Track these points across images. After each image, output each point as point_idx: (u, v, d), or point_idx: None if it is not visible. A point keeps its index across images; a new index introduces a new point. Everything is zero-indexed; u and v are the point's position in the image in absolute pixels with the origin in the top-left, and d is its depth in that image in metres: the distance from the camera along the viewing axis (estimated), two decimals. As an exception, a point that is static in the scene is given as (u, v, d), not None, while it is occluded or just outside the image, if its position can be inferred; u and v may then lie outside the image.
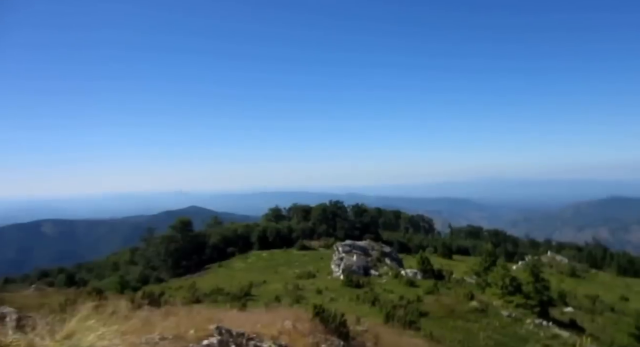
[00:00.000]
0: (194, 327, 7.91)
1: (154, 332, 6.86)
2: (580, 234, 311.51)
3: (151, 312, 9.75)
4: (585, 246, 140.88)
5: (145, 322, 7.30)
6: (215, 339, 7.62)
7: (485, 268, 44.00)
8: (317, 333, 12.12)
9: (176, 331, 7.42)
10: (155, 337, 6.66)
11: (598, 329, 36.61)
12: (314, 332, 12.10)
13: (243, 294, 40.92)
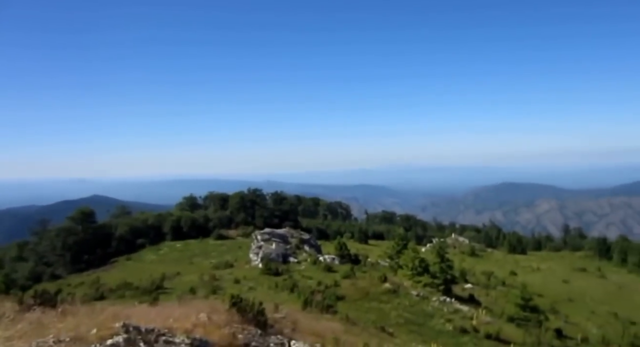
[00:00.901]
0: (97, 326, 7.31)
1: (48, 335, 6.19)
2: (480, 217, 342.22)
3: (44, 313, 8.80)
4: (483, 228, 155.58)
5: (37, 324, 6.55)
6: (121, 338, 7.11)
7: (398, 251, 46.53)
8: (233, 323, 11.95)
9: (75, 332, 6.77)
10: (49, 341, 6.00)
11: (492, 302, 40.72)
12: (231, 322, 11.94)
13: (154, 288, 39.02)
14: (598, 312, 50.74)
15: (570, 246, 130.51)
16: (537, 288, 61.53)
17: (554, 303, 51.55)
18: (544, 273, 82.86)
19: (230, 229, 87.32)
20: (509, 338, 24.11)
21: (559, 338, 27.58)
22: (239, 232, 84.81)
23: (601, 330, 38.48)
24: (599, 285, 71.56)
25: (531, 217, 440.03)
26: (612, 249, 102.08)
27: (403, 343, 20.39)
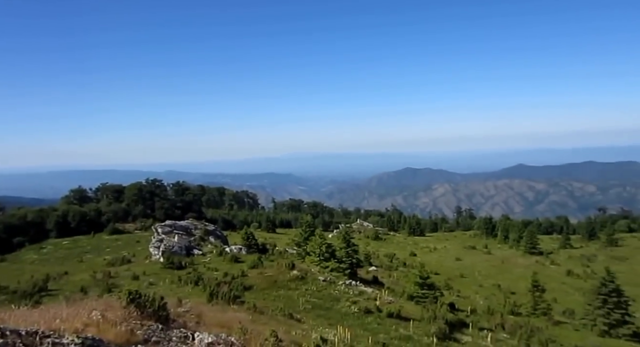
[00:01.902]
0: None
1: None
2: (383, 202, 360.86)
3: None
4: (386, 212, 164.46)
5: None
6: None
7: (305, 238, 46.87)
8: (131, 320, 11.27)
9: None
10: None
11: (394, 282, 42.96)
12: (128, 319, 11.26)
13: (36, 290, 34.66)
14: (485, 285, 56.33)
15: (462, 227, 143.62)
16: (433, 267, 66.56)
17: (448, 280, 56.16)
18: (439, 253, 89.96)
19: (127, 222, 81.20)
20: (409, 315, 25.42)
21: (452, 311, 29.87)
22: (137, 225, 79.28)
23: (487, 301, 42.71)
24: (485, 261, 79.62)
25: (429, 201, 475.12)
26: (497, 228, 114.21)
27: (311, 328, 20.40)
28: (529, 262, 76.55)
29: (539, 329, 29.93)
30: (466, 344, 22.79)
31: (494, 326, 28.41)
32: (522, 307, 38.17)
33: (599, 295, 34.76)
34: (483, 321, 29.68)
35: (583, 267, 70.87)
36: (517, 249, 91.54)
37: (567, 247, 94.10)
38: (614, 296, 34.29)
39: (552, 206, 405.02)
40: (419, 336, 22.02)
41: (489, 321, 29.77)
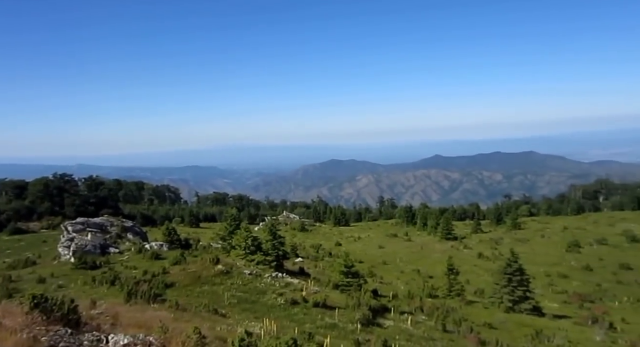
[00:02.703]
0: None
1: None
2: (309, 194, 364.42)
3: None
4: (311, 204, 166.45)
5: None
6: None
7: (230, 232, 45.84)
8: (34, 327, 10.52)
9: None
10: None
11: (320, 272, 43.61)
12: (31, 326, 10.46)
13: None
14: (406, 271, 59.22)
15: (384, 216, 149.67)
16: (358, 255, 68.61)
17: (372, 267, 58.22)
18: (364, 241, 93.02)
19: (32, 221, 73.83)
20: (334, 304, 25.91)
21: (375, 298, 31.00)
22: (43, 224, 72.42)
23: (408, 286, 44.92)
24: (406, 247, 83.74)
25: (353, 192, 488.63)
26: (416, 216, 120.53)
27: (236, 322, 20.00)
28: (445, 247, 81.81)
29: (453, 309, 32.08)
30: (388, 328, 23.73)
31: (414, 309, 29.94)
32: (439, 290, 40.68)
33: (505, 274, 38.02)
34: (404, 305, 31.15)
35: (492, 249, 77.15)
36: (434, 235, 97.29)
37: (478, 231, 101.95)
38: (517, 274, 37.69)
39: (465, 193, 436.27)
40: (344, 323, 22.51)
41: (409, 305, 31.31)
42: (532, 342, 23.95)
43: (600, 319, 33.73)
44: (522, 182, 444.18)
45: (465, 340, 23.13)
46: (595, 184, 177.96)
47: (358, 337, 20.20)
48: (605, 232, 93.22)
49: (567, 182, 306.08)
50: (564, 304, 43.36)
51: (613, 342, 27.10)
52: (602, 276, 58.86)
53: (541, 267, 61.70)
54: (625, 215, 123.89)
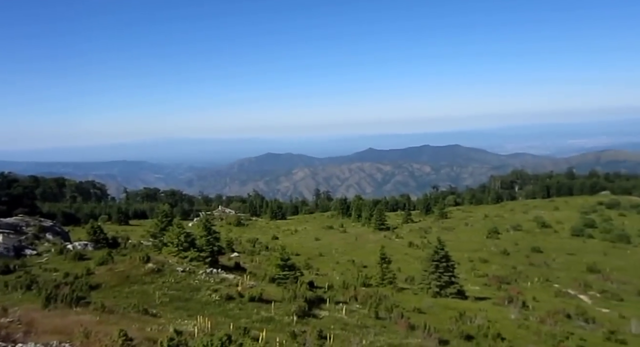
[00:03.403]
0: None
1: None
2: (245, 188, 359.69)
3: None
4: (248, 198, 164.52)
5: None
6: None
7: (162, 229, 44.09)
8: None
9: None
10: None
11: (256, 266, 43.38)
12: None
13: None
14: (341, 262, 60.60)
15: (320, 208, 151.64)
16: (295, 248, 69.05)
17: (308, 259, 58.89)
18: (300, 234, 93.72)
19: None
20: (270, 297, 25.96)
21: (311, 289, 31.45)
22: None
23: (343, 276, 46.03)
24: (342, 239, 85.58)
25: (290, 185, 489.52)
26: (351, 208, 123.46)
27: (168, 321, 19.41)
28: (379, 237, 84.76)
29: (385, 296, 33.42)
30: (324, 318, 24.22)
31: (349, 299, 30.80)
32: (372, 279, 42.12)
33: (432, 262, 40.22)
34: (339, 295, 31.92)
35: (421, 238, 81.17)
36: (368, 226, 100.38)
37: (409, 221, 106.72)
38: (443, 261, 40.03)
39: (397, 185, 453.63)
40: (280, 316, 22.66)
41: (344, 295, 32.14)
42: (456, 324, 25.62)
43: (515, 299, 36.88)
44: (449, 174, 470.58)
45: (397, 325, 24.20)
46: (512, 175, 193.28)
47: (294, 329, 20.44)
48: (520, 219, 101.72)
49: (487, 173, 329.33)
50: (485, 286, 46.83)
51: (525, 319, 29.78)
52: (517, 259, 64.25)
53: (465, 253, 66.02)
54: (537, 203, 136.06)
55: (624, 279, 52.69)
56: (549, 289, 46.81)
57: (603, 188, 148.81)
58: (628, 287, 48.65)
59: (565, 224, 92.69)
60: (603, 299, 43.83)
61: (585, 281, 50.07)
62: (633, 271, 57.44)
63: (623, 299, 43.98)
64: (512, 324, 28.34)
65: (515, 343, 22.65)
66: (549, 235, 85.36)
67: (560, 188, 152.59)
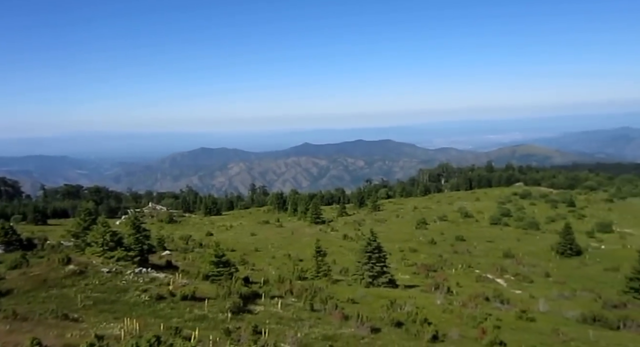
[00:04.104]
0: None
1: None
2: (178, 183, 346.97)
3: None
4: (180, 194, 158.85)
5: None
6: None
7: (85, 228, 41.35)
8: None
9: None
10: None
11: (189, 264, 42.16)
12: None
13: None
14: (277, 256, 60.60)
15: (256, 203, 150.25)
16: (230, 244, 67.94)
17: (244, 255, 58.28)
18: (236, 230, 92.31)
19: None
20: (204, 295, 25.38)
21: (247, 285, 31.18)
22: None
23: (279, 270, 46.12)
24: (278, 233, 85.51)
25: (225, 180, 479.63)
26: (287, 202, 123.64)
27: (92, 326, 18.31)
28: (314, 230, 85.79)
29: (320, 289, 33.97)
30: (259, 313, 24.15)
31: (284, 293, 30.92)
32: (308, 272, 42.62)
33: (365, 253, 41.51)
34: (274, 289, 31.93)
35: (355, 230, 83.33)
36: (304, 220, 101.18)
37: (344, 214, 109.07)
38: (376, 252, 41.46)
39: (332, 179, 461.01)
40: (214, 314, 22.26)
41: (279, 289, 32.20)
42: (387, 312, 26.70)
43: (441, 285, 39.18)
44: (381, 168, 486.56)
45: (331, 317, 24.73)
46: (438, 168, 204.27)
47: (228, 325, 20.19)
48: (446, 210, 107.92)
49: (417, 167, 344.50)
50: (414, 275, 49.24)
51: (450, 304, 31.78)
52: (443, 248, 68.22)
53: (396, 243, 68.89)
54: (461, 194, 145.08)
55: (534, 262, 57.90)
56: (470, 274, 50.23)
57: (517, 180, 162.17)
58: (537, 270, 53.53)
59: (485, 213, 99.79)
60: (516, 282, 47.88)
61: (502, 265, 54.34)
62: (542, 254, 63.28)
63: (533, 281, 48.35)
64: (438, 309, 30.08)
65: (441, 327, 24.08)
66: (471, 224, 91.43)
67: (481, 180, 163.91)
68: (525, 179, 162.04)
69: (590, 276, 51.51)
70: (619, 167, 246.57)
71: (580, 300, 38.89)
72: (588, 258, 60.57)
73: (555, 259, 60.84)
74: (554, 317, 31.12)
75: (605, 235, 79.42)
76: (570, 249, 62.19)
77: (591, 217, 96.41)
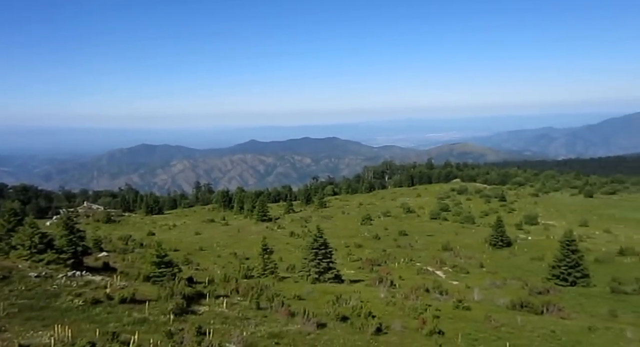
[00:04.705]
0: None
1: None
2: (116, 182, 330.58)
3: None
4: (119, 192, 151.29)
5: None
6: None
7: (9, 230, 38.38)
8: None
9: None
10: None
11: (128, 265, 40.34)
12: None
13: None
14: (223, 255, 59.50)
15: (201, 201, 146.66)
16: (173, 244, 65.83)
17: (188, 255, 56.65)
18: (179, 229, 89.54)
19: None
20: (144, 297, 24.39)
21: (190, 285, 30.33)
22: None
23: (224, 269, 45.31)
24: (223, 232, 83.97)
25: (167, 178, 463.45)
26: (233, 200, 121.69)
27: (16, 335, 16.98)
28: (261, 228, 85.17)
29: (267, 286, 33.77)
30: (203, 314, 23.60)
31: (230, 292, 30.41)
32: (254, 270, 42.24)
33: (312, 249, 41.82)
34: (220, 289, 31.31)
35: (302, 227, 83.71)
36: (251, 218, 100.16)
37: (291, 212, 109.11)
38: (322, 248, 41.88)
39: (279, 177, 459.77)
40: (155, 317, 21.45)
41: (225, 288, 31.62)
42: (333, 307, 27.07)
43: (385, 279, 40.33)
44: (327, 165, 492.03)
45: (277, 314, 24.67)
46: (382, 165, 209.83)
47: (170, 328, 19.55)
48: (389, 205, 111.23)
49: (362, 164, 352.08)
50: (359, 269, 50.31)
51: (393, 297, 32.78)
52: (386, 242, 70.23)
53: (342, 239, 70.01)
54: (403, 191, 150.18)
55: (470, 254, 61.15)
56: (412, 267, 52.14)
57: (455, 176, 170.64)
58: (472, 262, 56.61)
59: (426, 209, 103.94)
60: (454, 273, 50.35)
61: (441, 258, 56.88)
62: (476, 246, 66.98)
63: (469, 272, 51.07)
64: (381, 302, 30.93)
65: (384, 319, 24.79)
66: (413, 219, 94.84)
67: (422, 177, 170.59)
68: (462, 176, 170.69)
69: (519, 265, 55.20)
70: (543, 164, 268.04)
71: (509, 288, 41.58)
72: (517, 249, 64.86)
73: (489, 250, 64.57)
74: (487, 305, 33.05)
75: (531, 227, 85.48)
76: (501, 240, 66.26)
77: (520, 210, 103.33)
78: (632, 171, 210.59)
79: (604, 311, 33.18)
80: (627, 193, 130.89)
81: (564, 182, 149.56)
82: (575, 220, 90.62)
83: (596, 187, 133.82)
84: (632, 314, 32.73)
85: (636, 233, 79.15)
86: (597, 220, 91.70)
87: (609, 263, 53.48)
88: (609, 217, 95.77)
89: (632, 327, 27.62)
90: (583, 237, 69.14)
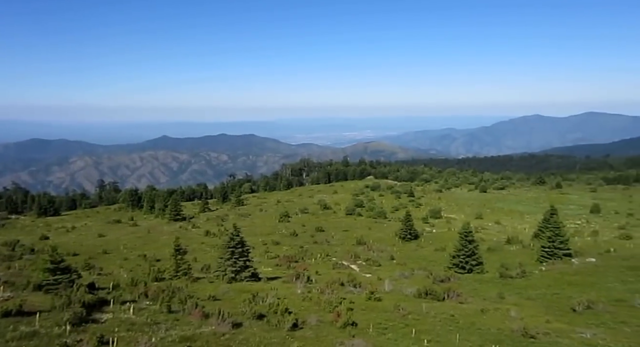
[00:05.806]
0: None
1: None
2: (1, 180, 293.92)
3: None
4: (4, 192, 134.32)
5: None
6: None
7: None
8: None
9: None
10: None
11: (15, 274, 36.03)
12: None
13: None
14: (130, 258, 55.63)
15: (106, 201, 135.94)
16: (71, 248, 60.32)
17: (90, 259, 52.10)
18: (79, 231, 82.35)
19: None
20: (34, 308, 21.89)
21: (92, 292, 27.88)
22: None
23: (132, 273, 42.37)
24: (131, 233, 78.63)
25: (65, 176, 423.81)
26: (143, 199, 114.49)
27: None
28: (174, 228, 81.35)
29: (179, 289, 32.19)
30: (106, 322, 21.82)
31: (137, 296, 28.49)
32: (166, 272, 40.08)
33: (228, 248, 40.70)
34: (126, 294, 29.23)
35: (218, 226, 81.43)
36: (162, 217, 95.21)
37: (206, 210, 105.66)
38: (239, 247, 40.94)
39: (194, 174, 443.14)
40: (47, 329, 19.33)
41: (132, 293, 29.58)
42: (249, 305, 26.58)
43: (301, 275, 40.57)
44: (245, 162, 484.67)
45: (190, 316, 23.62)
46: (300, 163, 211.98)
47: (66, 340, 17.77)
48: (307, 202, 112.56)
49: (280, 161, 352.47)
50: (276, 267, 50.14)
51: (309, 292, 33.12)
52: (304, 239, 70.93)
53: (259, 237, 69.34)
54: (320, 188, 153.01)
55: (382, 247, 64.01)
56: (328, 262, 53.20)
57: (369, 174, 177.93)
58: (384, 254, 59.32)
59: (342, 205, 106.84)
60: (367, 266, 52.33)
61: (355, 252, 58.78)
62: (388, 240, 70.33)
63: (381, 265, 53.42)
64: (298, 298, 31.07)
65: (300, 315, 24.91)
66: (329, 215, 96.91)
67: (338, 174, 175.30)
68: (375, 173, 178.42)
69: (424, 256, 58.98)
70: (445, 162, 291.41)
71: (416, 278, 44.24)
72: (423, 241, 69.25)
73: (399, 243, 68.12)
74: (397, 295, 34.81)
75: (436, 220, 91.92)
76: (410, 234, 70.30)
77: (426, 205, 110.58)
78: (518, 168, 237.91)
79: (494, 294, 36.69)
80: (514, 188, 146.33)
81: (463, 179, 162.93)
82: (472, 213, 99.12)
83: (489, 183, 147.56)
84: (516, 296, 36.60)
85: (520, 223, 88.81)
86: (490, 213, 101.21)
87: (499, 251, 59.17)
88: (499, 210, 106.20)
89: (515, 308, 31.17)
90: (478, 229, 75.67)
